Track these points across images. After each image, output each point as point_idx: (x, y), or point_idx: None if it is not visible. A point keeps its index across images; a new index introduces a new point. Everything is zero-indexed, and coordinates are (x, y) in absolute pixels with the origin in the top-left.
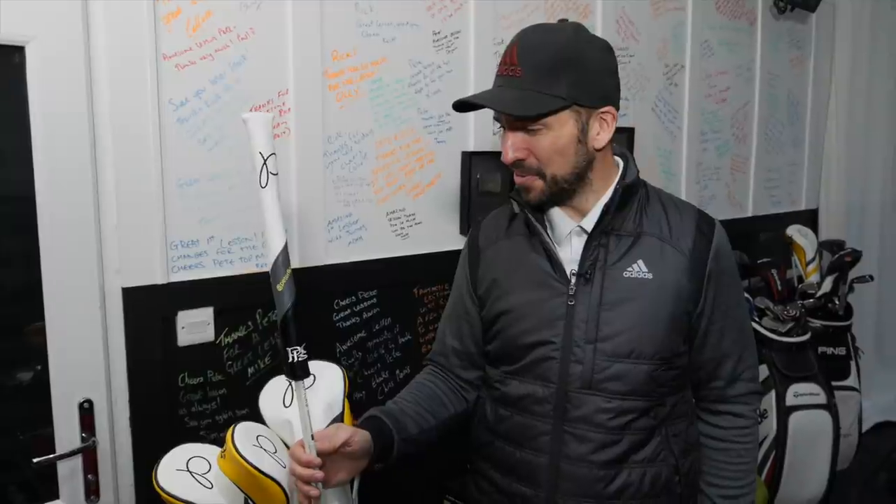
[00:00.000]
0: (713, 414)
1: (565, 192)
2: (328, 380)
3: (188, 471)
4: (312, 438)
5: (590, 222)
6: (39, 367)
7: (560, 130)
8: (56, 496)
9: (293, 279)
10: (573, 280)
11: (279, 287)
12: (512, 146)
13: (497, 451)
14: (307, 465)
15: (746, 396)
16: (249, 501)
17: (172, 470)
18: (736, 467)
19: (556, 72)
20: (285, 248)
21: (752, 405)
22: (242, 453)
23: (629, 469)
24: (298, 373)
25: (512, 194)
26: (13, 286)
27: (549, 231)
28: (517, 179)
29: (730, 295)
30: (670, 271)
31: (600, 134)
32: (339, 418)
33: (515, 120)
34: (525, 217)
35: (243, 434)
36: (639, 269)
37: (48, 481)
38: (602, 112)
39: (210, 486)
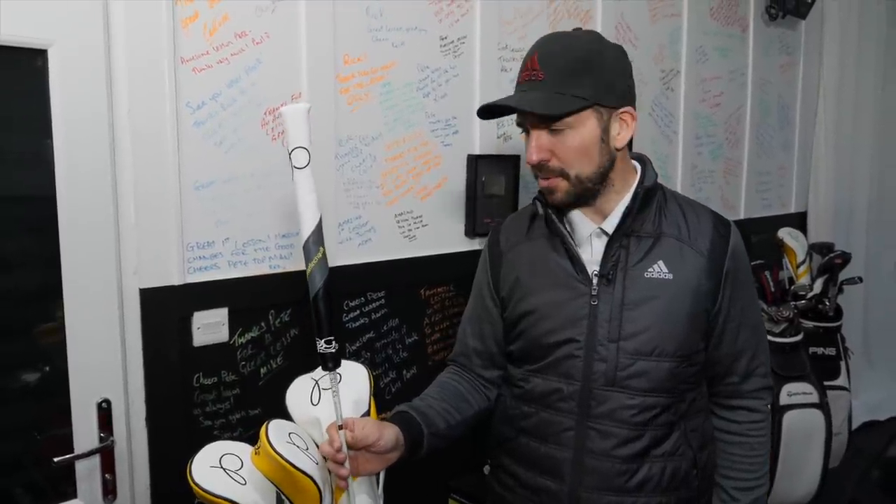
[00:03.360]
0: (728, 409)
1: (590, 192)
2: (354, 378)
3: (221, 467)
4: (341, 428)
5: (611, 224)
6: (56, 367)
7: (583, 130)
8: (74, 496)
9: (324, 262)
10: (595, 280)
11: (308, 269)
12: (536, 148)
13: (521, 447)
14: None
15: (760, 391)
16: (282, 497)
17: (206, 467)
18: (751, 460)
19: (578, 74)
20: (317, 227)
21: (765, 400)
22: (277, 449)
23: (650, 463)
24: (330, 364)
25: (537, 195)
26: (33, 287)
27: (570, 233)
28: (541, 182)
29: (744, 293)
30: (689, 271)
31: (620, 133)
32: (366, 416)
33: (540, 121)
34: (547, 219)
35: (276, 431)
36: (659, 269)
37: (65, 481)
38: (622, 112)
39: (243, 482)
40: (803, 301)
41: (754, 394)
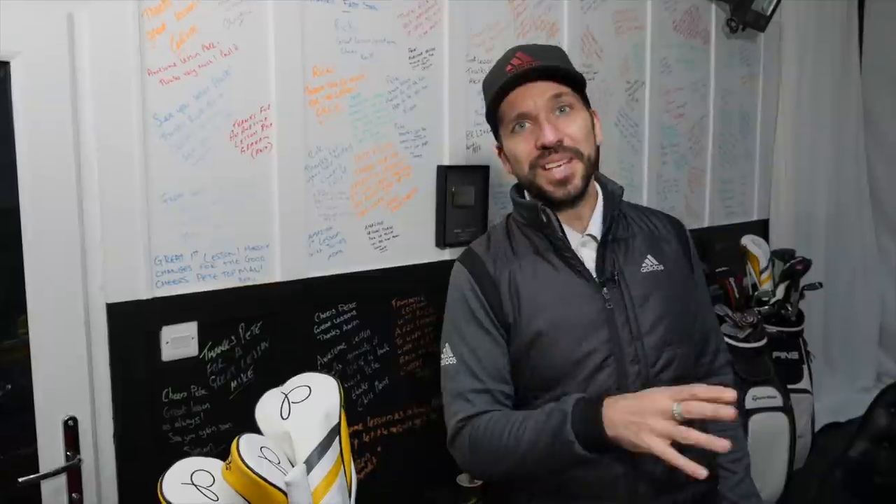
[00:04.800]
0: None
1: (587, 181)
2: (324, 391)
3: (193, 484)
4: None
5: (595, 230)
6: (20, 384)
7: (582, 112)
8: None
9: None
10: (603, 286)
11: None
12: (552, 128)
13: (568, 481)
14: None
15: (726, 367)
16: None
17: (178, 484)
18: (732, 433)
19: (567, 63)
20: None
21: (730, 374)
22: (249, 464)
23: (691, 453)
24: None
25: (541, 205)
26: None
27: (561, 242)
28: (556, 173)
29: (701, 276)
30: (672, 261)
31: (597, 129)
32: (337, 428)
33: (548, 106)
34: (547, 229)
35: (248, 445)
36: (651, 262)
37: (30, 502)
38: (592, 111)
39: (216, 498)
40: (766, 307)
41: (723, 369)
